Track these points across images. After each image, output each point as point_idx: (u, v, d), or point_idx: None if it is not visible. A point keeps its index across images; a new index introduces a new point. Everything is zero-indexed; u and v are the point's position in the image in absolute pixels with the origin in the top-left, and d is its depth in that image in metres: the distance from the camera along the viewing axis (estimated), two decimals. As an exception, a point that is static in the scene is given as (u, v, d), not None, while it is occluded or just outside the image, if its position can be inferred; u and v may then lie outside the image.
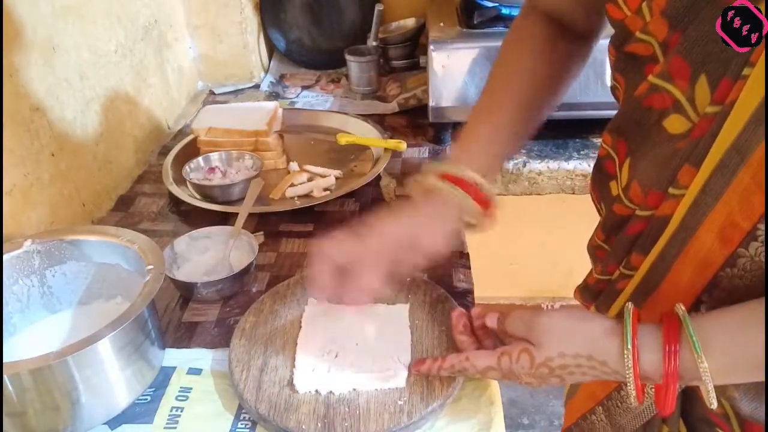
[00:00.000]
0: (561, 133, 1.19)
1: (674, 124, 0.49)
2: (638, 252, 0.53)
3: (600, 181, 0.61)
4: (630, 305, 0.50)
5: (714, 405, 0.47)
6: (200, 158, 1.05)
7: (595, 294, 0.61)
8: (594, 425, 0.63)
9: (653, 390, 0.56)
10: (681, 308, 0.48)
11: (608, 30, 0.57)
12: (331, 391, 0.63)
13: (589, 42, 0.71)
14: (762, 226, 0.44)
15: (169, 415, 0.64)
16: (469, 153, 0.66)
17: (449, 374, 0.62)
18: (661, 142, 0.50)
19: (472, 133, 0.67)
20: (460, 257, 0.85)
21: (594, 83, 1.09)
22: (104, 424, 0.63)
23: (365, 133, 1.14)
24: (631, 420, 0.59)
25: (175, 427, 0.63)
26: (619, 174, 0.56)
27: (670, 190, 0.49)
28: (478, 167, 0.64)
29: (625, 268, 0.56)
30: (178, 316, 0.78)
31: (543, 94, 0.69)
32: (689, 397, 0.56)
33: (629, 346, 0.48)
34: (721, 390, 0.52)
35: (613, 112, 0.59)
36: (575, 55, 0.70)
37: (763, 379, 0.46)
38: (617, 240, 0.57)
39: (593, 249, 0.64)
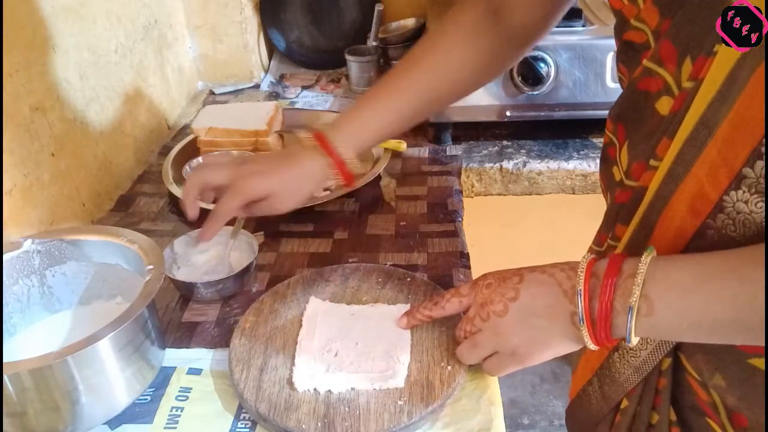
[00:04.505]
0: (561, 133, 1.19)
1: (663, 105, 0.50)
2: (621, 223, 0.55)
3: (605, 168, 0.62)
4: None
5: (633, 338, 0.48)
6: (200, 158, 1.05)
7: None
8: (590, 396, 0.64)
9: (632, 357, 0.57)
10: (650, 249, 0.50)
11: (607, 31, 0.59)
12: (329, 390, 0.63)
13: (520, 45, 0.74)
14: (728, 198, 0.45)
15: (169, 415, 0.64)
16: (355, 128, 0.74)
17: (432, 311, 0.66)
18: (655, 125, 0.51)
19: (368, 108, 0.75)
20: (460, 257, 0.85)
21: (594, 83, 1.09)
22: (104, 424, 0.63)
23: (365, 133, 1.14)
24: (617, 389, 0.60)
25: (175, 427, 0.63)
26: (619, 158, 0.57)
27: (651, 162, 0.50)
28: (356, 144, 0.73)
29: (611, 239, 0.57)
30: (178, 316, 0.78)
31: (451, 91, 0.75)
32: (680, 384, 0.57)
33: (586, 256, 0.53)
34: (708, 378, 0.53)
35: (613, 112, 0.60)
36: (499, 56, 0.74)
37: (720, 342, 0.48)
38: (608, 209, 0.58)
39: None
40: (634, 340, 0.49)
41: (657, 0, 0.50)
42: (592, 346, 0.52)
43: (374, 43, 1.41)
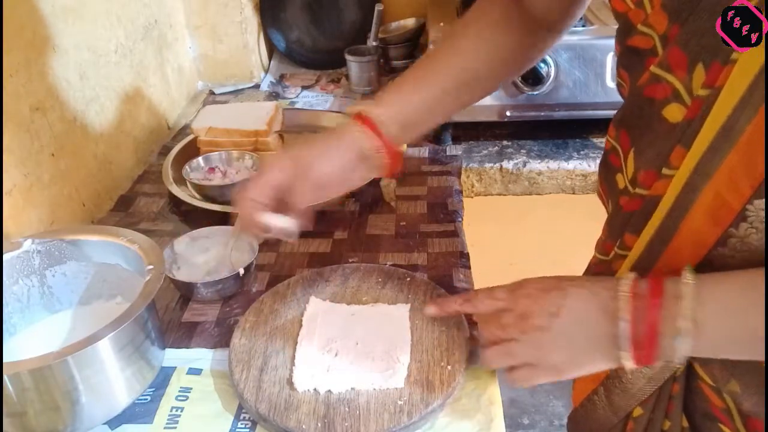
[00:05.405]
0: (561, 133, 1.19)
1: (673, 112, 0.50)
2: (631, 232, 0.54)
3: (607, 175, 0.61)
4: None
5: (683, 357, 0.48)
6: (200, 158, 1.05)
7: (594, 275, 0.62)
8: (595, 405, 0.63)
9: (646, 368, 0.56)
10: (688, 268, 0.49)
11: (607, 31, 0.58)
12: (329, 390, 0.63)
13: (550, 32, 0.72)
14: (751, 207, 0.45)
15: (169, 415, 0.64)
16: (392, 100, 0.68)
17: (463, 307, 0.64)
18: (663, 132, 0.51)
19: (407, 84, 0.70)
20: (460, 257, 0.85)
21: (594, 83, 1.09)
22: (104, 424, 0.63)
23: (365, 133, 1.14)
24: (629, 400, 0.59)
25: (175, 427, 0.63)
26: (624, 166, 0.57)
27: (663, 170, 0.50)
28: (395, 114, 0.67)
29: (619, 248, 0.56)
30: (178, 316, 0.78)
31: (488, 71, 0.71)
32: (691, 390, 0.57)
33: (627, 276, 0.51)
34: (723, 384, 0.53)
35: (613, 112, 0.60)
36: (527, 44, 0.71)
37: (758, 358, 0.47)
38: (615, 217, 0.58)
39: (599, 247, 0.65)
40: (678, 362, 0.49)
41: (666, 5, 0.49)
42: (632, 367, 0.51)
43: (374, 43, 1.41)
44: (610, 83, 1.08)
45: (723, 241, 0.47)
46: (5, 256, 0.69)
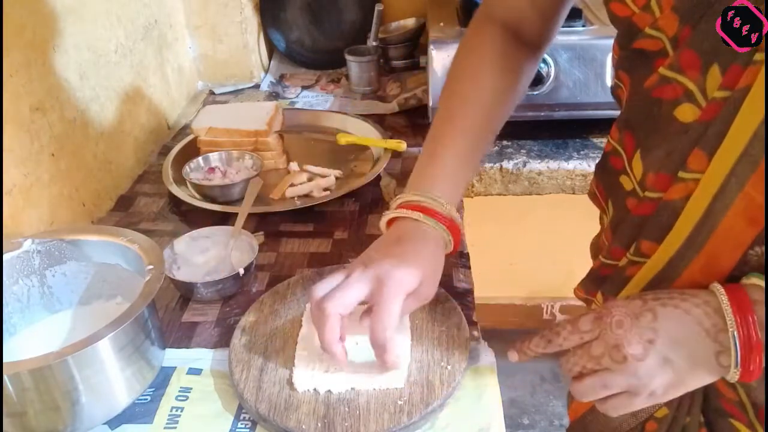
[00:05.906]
0: (561, 133, 1.19)
1: (686, 112, 0.49)
2: (649, 239, 0.53)
3: (606, 177, 0.61)
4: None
5: None
6: (200, 158, 1.05)
7: (600, 281, 0.61)
8: None
9: None
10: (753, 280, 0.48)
11: (607, 31, 0.57)
12: (329, 390, 0.63)
13: (538, 53, 0.72)
14: None
15: (169, 415, 0.64)
16: (439, 182, 0.66)
17: (546, 349, 0.57)
18: (674, 132, 0.50)
19: (437, 158, 0.68)
20: (460, 257, 0.85)
21: (594, 83, 1.09)
22: (104, 424, 0.63)
23: (365, 133, 1.15)
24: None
25: (175, 427, 0.63)
26: (629, 168, 0.56)
27: (680, 174, 0.49)
28: (449, 198, 0.65)
29: (634, 254, 0.55)
30: (178, 316, 0.78)
31: (499, 111, 0.70)
32: (706, 386, 0.55)
33: (718, 289, 0.48)
34: None
35: (613, 112, 0.60)
36: (526, 68, 0.72)
37: None
38: (622, 221, 0.57)
39: (598, 249, 0.64)
40: None
41: (677, 8, 0.49)
42: (735, 381, 0.50)
43: (374, 43, 1.41)
44: (611, 83, 1.08)
45: (760, 240, 0.47)
46: (5, 256, 0.69)
